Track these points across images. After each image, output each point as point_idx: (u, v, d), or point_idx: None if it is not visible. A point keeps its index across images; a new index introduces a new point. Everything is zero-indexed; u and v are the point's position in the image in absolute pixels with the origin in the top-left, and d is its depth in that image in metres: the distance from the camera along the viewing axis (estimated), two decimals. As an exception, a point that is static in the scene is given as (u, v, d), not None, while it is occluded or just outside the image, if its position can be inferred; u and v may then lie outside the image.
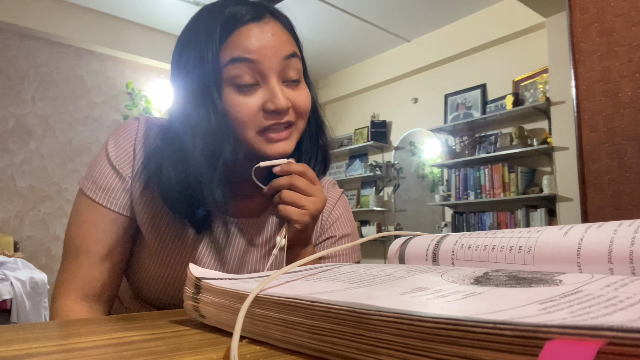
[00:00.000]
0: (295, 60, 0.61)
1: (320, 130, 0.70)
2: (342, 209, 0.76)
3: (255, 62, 0.57)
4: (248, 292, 0.28)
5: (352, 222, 0.77)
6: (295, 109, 0.61)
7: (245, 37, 0.58)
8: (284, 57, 0.59)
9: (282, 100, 0.58)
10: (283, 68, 0.60)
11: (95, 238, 0.61)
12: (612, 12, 1.36)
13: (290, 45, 0.61)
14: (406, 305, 0.21)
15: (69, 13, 3.83)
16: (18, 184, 3.63)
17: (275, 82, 0.59)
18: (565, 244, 0.31)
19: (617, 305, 0.18)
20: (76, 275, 0.60)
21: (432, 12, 4.01)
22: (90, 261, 0.61)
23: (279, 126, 0.59)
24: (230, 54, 0.57)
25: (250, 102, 0.58)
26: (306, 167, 0.60)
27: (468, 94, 4.10)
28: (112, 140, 0.64)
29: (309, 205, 0.58)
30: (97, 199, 0.61)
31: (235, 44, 0.57)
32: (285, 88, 0.60)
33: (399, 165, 4.73)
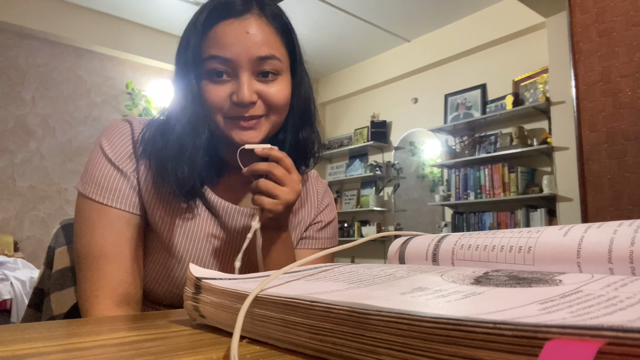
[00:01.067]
0: (272, 62, 0.63)
1: (305, 125, 0.72)
2: (329, 197, 0.83)
3: (228, 60, 0.61)
4: (248, 292, 0.28)
5: (335, 209, 0.84)
6: (266, 103, 0.64)
7: (222, 33, 0.62)
8: (257, 57, 0.62)
9: (246, 94, 0.61)
10: (256, 66, 0.63)
11: (112, 241, 0.61)
12: (612, 12, 1.36)
13: (267, 46, 0.63)
14: (406, 305, 0.21)
15: (69, 13, 3.83)
16: (18, 184, 3.63)
17: (245, 77, 0.62)
18: (565, 244, 0.31)
19: (617, 305, 0.18)
20: (103, 283, 0.60)
21: (432, 12, 4.01)
22: (113, 266, 0.60)
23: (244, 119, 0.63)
24: (208, 51, 0.62)
25: (220, 91, 0.62)
26: (285, 155, 0.63)
27: (468, 94, 4.10)
28: (106, 141, 0.64)
29: (282, 195, 0.61)
30: (106, 201, 0.61)
31: (212, 40, 0.62)
32: (257, 82, 0.63)
33: (399, 165, 4.73)
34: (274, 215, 0.61)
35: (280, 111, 0.66)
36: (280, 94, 0.65)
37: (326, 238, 0.79)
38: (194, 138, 0.63)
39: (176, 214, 0.66)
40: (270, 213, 0.61)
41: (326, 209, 0.80)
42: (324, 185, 0.82)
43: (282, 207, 0.61)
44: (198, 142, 0.63)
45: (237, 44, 0.61)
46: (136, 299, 0.63)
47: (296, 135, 0.70)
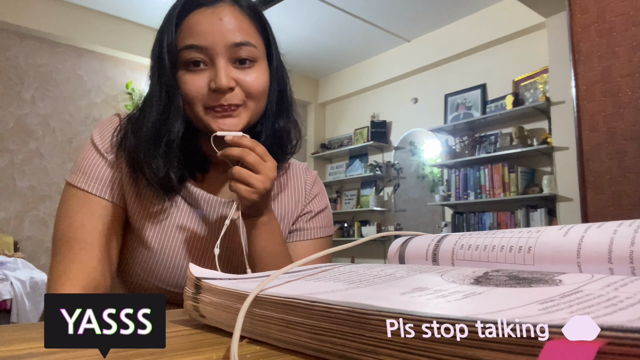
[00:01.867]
0: (248, 48, 0.63)
1: (281, 114, 0.72)
2: (319, 187, 0.82)
3: (204, 48, 0.62)
4: (248, 292, 0.28)
5: (327, 198, 0.84)
6: (244, 90, 0.64)
7: (196, 22, 0.62)
8: (232, 43, 0.62)
9: (223, 80, 0.61)
10: (232, 52, 0.63)
11: (90, 227, 0.62)
12: (612, 12, 1.36)
13: (241, 33, 0.63)
14: (406, 305, 0.21)
15: (69, 13, 3.83)
16: (18, 184, 3.63)
17: (222, 63, 0.62)
18: (565, 244, 0.31)
19: (617, 305, 0.18)
20: (74, 267, 0.60)
21: (432, 12, 4.01)
22: (87, 252, 0.61)
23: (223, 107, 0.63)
24: (183, 41, 0.62)
25: (197, 80, 0.62)
26: (256, 143, 0.62)
27: (468, 94, 4.10)
28: (98, 133, 0.67)
29: (256, 183, 0.60)
30: (89, 189, 0.63)
31: (187, 30, 0.63)
32: (234, 70, 0.63)
33: (399, 165, 4.73)
34: (249, 203, 0.61)
35: (259, 98, 0.66)
36: (258, 81, 0.65)
37: (318, 227, 0.78)
38: (168, 130, 0.62)
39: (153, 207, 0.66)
40: (245, 201, 0.61)
41: (315, 198, 0.80)
42: (313, 176, 0.82)
43: (256, 195, 0.61)
44: (173, 134, 0.63)
45: (212, 31, 0.62)
46: (104, 288, 0.63)
47: (272, 125, 0.70)
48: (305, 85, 5.42)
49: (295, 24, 4.08)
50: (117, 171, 0.66)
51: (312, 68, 5.19)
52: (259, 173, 0.61)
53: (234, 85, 0.63)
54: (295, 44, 4.42)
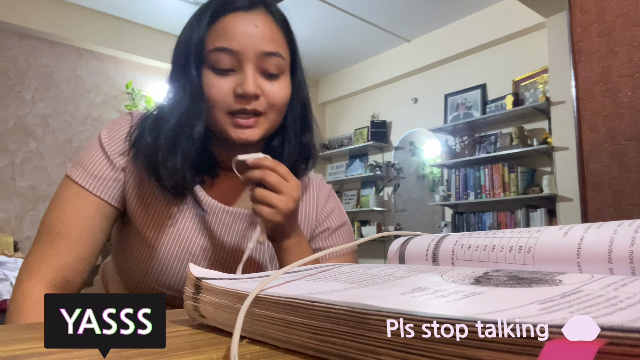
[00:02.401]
0: (277, 59, 0.63)
1: (305, 129, 0.71)
2: (334, 202, 0.78)
3: (235, 52, 0.61)
4: (248, 292, 0.28)
5: (344, 214, 0.80)
6: (267, 100, 0.63)
7: (230, 25, 0.61)
8: (263, 52, 0.62)
9: (251, 86, 0.60)
10: (261, 61, 0.62)
11: (77, 224, 0.61)
12: (612, 12, 1.36)
13: (273, 43, 0.63)
14: (406, 305, 0.21)
15: (69, 13, 3.83)
16: (18, 184, 3.63)
17: (251, 70, 0.61)
18: (565, 244, 0.31)
19: (617, 305, 0.18)
20: (50, 259, 0.59)
21: (432, 12, 4.01)
22: (68, 247, 0.60)
23: (246, 113, 0.62)
24: (214, 43, 0.61)
25: (223, 84, 0.61)
26: (277, 163, 0.61)
27: (468, 94, 4.10)
28: (106, 132, 0.66)
29: (279, 204, 0.59)
30: (86, 185, 0.62)
31: (220, 32, 0.62)
32: (261, 78, 0.63)
33: (399, 165, 4.73)
34: (274, 225, 0.60)
35: (280, 111, 0.66)
36: (282, 93, 0.65)
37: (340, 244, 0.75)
38: (190, 130, 0.61)
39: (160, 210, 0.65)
40: (269, 223, 0.60)
41: (332, 215, 0.77)
42: (326, 190, 0.79)
43: (280, 217, 0.59)
44: (194, 134, 0.62)
45: (245, 36, 0.61)
46: (75, 287, 0.62)
47: (297, 138, 0.70)
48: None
49: (295, 24, 4.06)
50: (120, 172, 0.65)
51: (312, 68, 5.19)
52: (281, 193, 0.59)
53: (260, 93, 0.62)
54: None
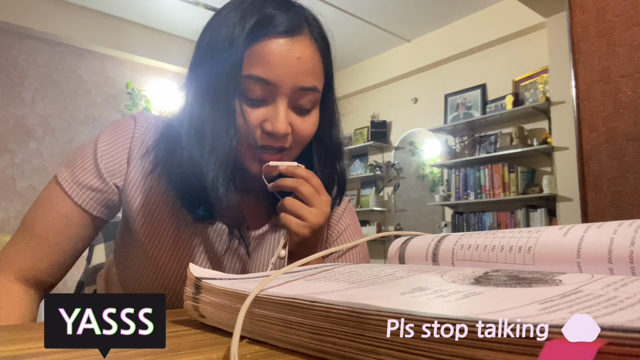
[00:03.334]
0: (313, 94, 0.58)
1: (339, 155, 0.67)
2: (349, 219, 0.73)
3: (271, 84, 0.55)
4: (248, 292, 0.28)
5: (360, 233, 0.73)
6: (295, 137, 0.59)
7: (271, 52, 0.55)
8: (301, 87, 0.57)
9: (282, 125, 0.55)
10: (296, 95, 0.57)
11: (57, 229, 0.59)
12: (612, 12, 1.36)
13: (313, 77, 0.58)
14: (406, 305, 0.21)
15: (69, 13, 3.83)
16: (18, 184, 3.63)
17: (283, 105, 0.56)
18: (565, 244, 0.31)
19: (617, 305, 0.18)
20: (23, 256, 0.58)
21: (432, 12, 4.01)
22: (44, 249, 0.59)
23: (271, 149, 0.58)
24: (250, 69, 0.55)
25: (252, 115, 0.56)
26: (312, 174, 0.58)
27: (468, 94, 4.10)
28: (105, 141, 0.62)
29: (309, 217, 0.55)
30: (69, 192, 0.59)
31: (258, 57, 0.55)
32: (292, 113, 0.58)
33: (399, 165, 4.73)
34: (299, 239, 0.56)
35: (303, 145, 0.61)
36: (311, 129, 0.60)
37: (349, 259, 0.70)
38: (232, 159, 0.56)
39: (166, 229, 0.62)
40: (296, 236, 0.55)
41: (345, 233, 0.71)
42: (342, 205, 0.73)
43: (308, 230, 0.55)
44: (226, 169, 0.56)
45: (285, 68, 0.55)
46: (44, 286, 0.61)
47: (333, 166, 0.65)
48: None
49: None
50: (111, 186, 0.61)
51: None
52: (313, 206, 0.56)
53: (290, 131, 0.58)
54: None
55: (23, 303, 0.58)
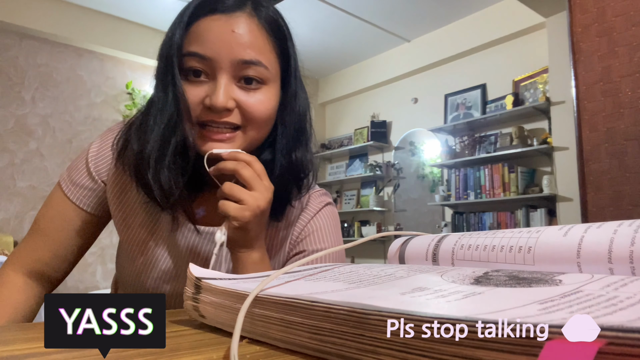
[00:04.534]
0: (257, 68, 0.57)
1: (299, 144, 0.64)
2: (322, 221, 0.68)
3: (207, 59, 0.56)
4: (248, 292, 0.28)
5: (333, 237, 0.68)
6: (244, 114, 0.57)
7: (205, 28, 0.56)
8: (240, 60, 0.56)
9: (220, 98, 0.55)
10: (238, 70, 0.56)
11: (56, 225, 0.65)
12: (612, 12, 1.36)
13: (254, 50, 0.57)
14: (406, 305, 0.21)
15: (69, 13, 3.83)
16: (18, 184, 3.63)
17: (224, 80, 0.56)
18: (565, 244, 0.31)
19: (617, 305, 0.18)
20: (29, 251, 0.65)
21: (432, 12, 4.01)
22: (46, 244, 0.65)
23: (217, 125, 0.57)
24: (188, 46, 0.57)
25: (194, 93, 0.57)
26: (254, 159, 0.56)
27: (468, 94, 4.10)
28: (97, 143, 0.67)
29: (249, 199, 0.53)
30: (66, 191, 0.66)
31: (194, 35, 0.57)
32: (238, 89, 0.57)
33: (399, 165, 4.73)
34: (240, 224, 0.53)
35: (260, 126, 0.59)
36: (261, 106, 0.58)
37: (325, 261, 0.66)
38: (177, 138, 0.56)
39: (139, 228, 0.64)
40: (236, 221, 0.53)
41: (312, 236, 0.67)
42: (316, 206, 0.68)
43: (249, 214, 0.53)
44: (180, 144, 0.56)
45: (220, 42, 0.55)
46: (50, 280, 0.67)
47: (289, 155, 0.62)
48: (305, 85, 5.41)
49: (295, 24, 4.06)
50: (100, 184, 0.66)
51: (312, 68, 5.19)
52: (254, 190, 0.54)
53: (232, 106, 0.56)
54: (296, 44, 4.41)
55: (20, 294, 0.63)
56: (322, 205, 0.69)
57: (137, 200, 0.64)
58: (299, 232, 0.67)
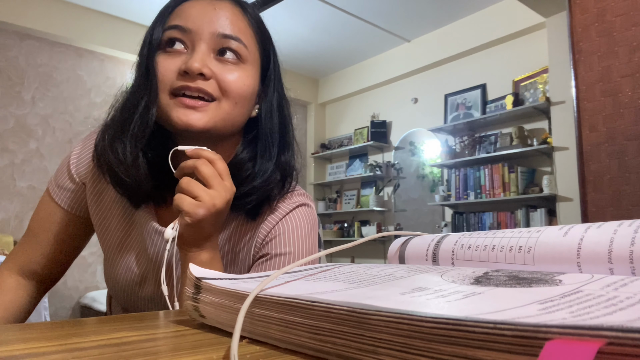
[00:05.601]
0: (236, 43, 0.58)
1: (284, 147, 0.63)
2: (290, 223, 0.64)
3: (188, 31, 0.57)
4: (248, 292, 0.28)
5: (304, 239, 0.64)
6: (220, 83, 0.57)
7: (188, 7, 0.59)
8: (219, 33, 0.57)
9: (196, 62, 0.54)
10: (217, 43, 0.57)
11: (45, 227, 0.68)
12: (612, 12, 1.36)
13: (235, 28, 0.58)
14: (406, 305, 0.21)
15: (69, 13, 3.83)
16: (18, 184, 3.63)
17: (201, 49, 0.56)
18: (565, 244, 0.31)
19: (617, 305, 0.18)
20: (22, 252, 0.68)
21: (432, 12, 4.01)
22: (36, 245, 0.68)
23: (192, 93, 0.55)
24: (170, 22, 0.58)
25: (169, 62, 0.57)
26: (218, 157, 0.54)
27: (468, 94, 4.10)
28: (79, 146, 0.69)
29: (204, 197, 0.51)
30: (52, 194, 0.68)
31: (177, 13, 0.59)
32: (215, 61, 0.57)
33: (399, 165, 4.73)
34: (192, 220, 0.51)
35: (236, 100, 0.58)
36: (239, 81, 0.58)
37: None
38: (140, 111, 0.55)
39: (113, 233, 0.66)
40: (188, 217, 0.51)
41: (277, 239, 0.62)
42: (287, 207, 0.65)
43: (202, 211, 0.51)
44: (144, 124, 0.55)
45: (201, 17, 0.57)
46: (42, 280, 0.70)
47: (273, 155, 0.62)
48: (305, 85, 5.41)
49: (295, 24, 4.08)
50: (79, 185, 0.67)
51: (312, 68, 5.19)
52: (212, 188, 0.52)
53: (208, 73, 0.55)
54: (295, 44, 4.42)
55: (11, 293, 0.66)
56: (293, 206, 0.65)
57: (113, 201, 0.65)
58: (265, 234, 0.63)
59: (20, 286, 0.67)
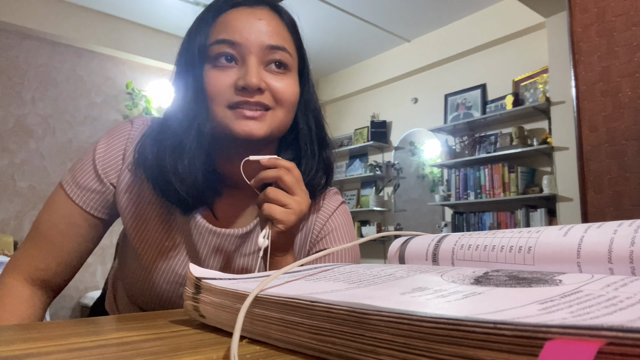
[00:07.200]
0: (283, 53, 0.60)
1: (324, 144, 0.68)
2: (340, 220, 0.71)
3: (237, 44, 0.58)
4: (248, 292, 0.28)
5: (351, 235, 0.71)
6: (274, 94, 0.59)
7: (232, 18, 0.59)
8: (268, 45, 0.59)
9: (253, 78, 0.56)
10: (266, 55, 0.59)
11: (62, 230, 0.62)
12: (612, 12, 1.36)
13: (279, 38, 0.60)
14: (406, 305, 0.21)
15: (69, 13, 3.83)
16: (18, 184, 3.63)
17: (254, 62, 0.58)
18: (565, 244, 0.31)
19: (617, 305, 0.18)
20: (32, 259, 0.62)
21: (432, 12, 4.01)
22: (51, 251, 0.62)
23: (250, 105, 0.58)
24: (216, 35, 0.59)
25: (223, 78, 0.58)
26: (294, 166, 0.58)
27: (468, 94, 4.10)
28: (103, 143, 0.64)
29: (293, 204, 0.55)
30: (72, 195, 0.62)
31: (221, 26, 0.59)
32: (266, 73, 0.60)
33: (399, 165, 4.73)
34: (285, 227, 0.55)
35: (289, 108, 0.61)
36: (290, 89, 0.61)
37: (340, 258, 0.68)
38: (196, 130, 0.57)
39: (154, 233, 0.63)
40: (281, 224, 0.55)
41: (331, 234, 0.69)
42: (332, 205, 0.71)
43: (295, 216, 0.55)
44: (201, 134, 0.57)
45: (248, 29, 0.58)
46: (53, 288, 0.65)
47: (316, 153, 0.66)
48: (305, 85, 5.41)
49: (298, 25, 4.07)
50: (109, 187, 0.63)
51: (312, 68, 5.17)
52: (295, 195, 0.56)
53: (265, 87, 0.58)
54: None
55: (28, 305, 0.60)
56: (337, 204, 0.72)
57: (149, 202, 0.63)
58: (318, 230, 0.69)
59: (36, 297, 0.62)
